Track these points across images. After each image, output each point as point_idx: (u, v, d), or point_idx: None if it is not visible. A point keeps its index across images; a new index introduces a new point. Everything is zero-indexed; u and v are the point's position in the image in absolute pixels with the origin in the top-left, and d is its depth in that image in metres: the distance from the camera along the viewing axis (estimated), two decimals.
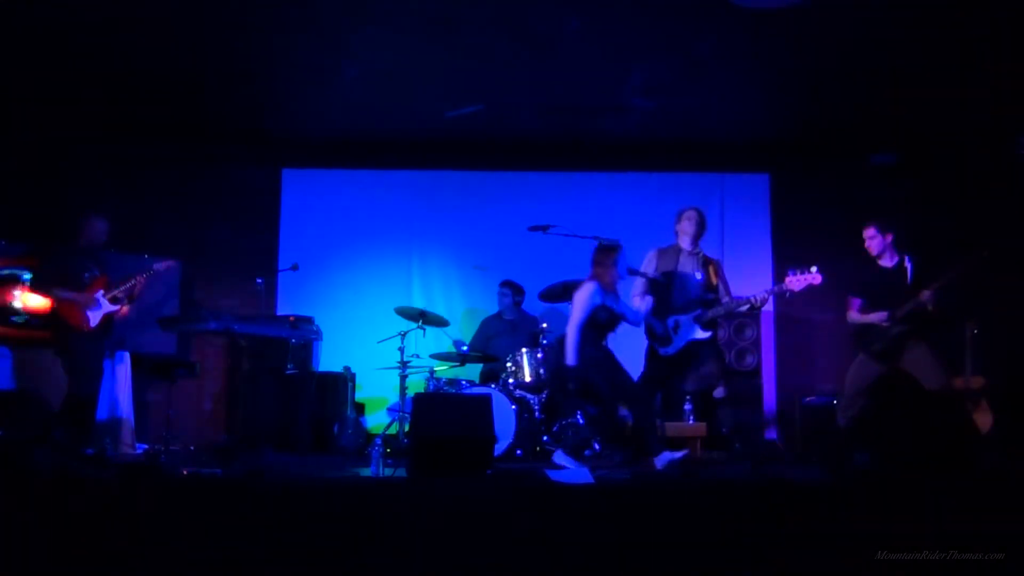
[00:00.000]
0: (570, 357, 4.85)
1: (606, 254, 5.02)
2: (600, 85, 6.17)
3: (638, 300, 5.51)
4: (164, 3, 5.00)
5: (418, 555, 3.20)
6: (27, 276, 6.16)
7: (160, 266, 5.84)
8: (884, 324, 5.14)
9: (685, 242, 5.47)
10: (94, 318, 5.50)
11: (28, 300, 6.05)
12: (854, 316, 5.33)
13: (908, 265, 5.25)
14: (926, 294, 4.99)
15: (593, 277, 4.99)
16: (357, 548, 3.23)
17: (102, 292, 5.57)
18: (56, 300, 5.47)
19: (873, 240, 5.24)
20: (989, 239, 5.37)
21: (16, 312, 6.08)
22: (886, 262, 5.29)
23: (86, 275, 5.57)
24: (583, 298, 4.91)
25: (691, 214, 5.47)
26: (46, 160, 7.12)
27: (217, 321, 5.90)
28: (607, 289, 4.96)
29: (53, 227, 6.60)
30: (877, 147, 7.19)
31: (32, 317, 6.10)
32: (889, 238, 5.23)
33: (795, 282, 5.06)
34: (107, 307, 5.57)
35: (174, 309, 6.68)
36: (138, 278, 5.71)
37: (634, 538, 3.26)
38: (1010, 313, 6.63)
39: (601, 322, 4.95)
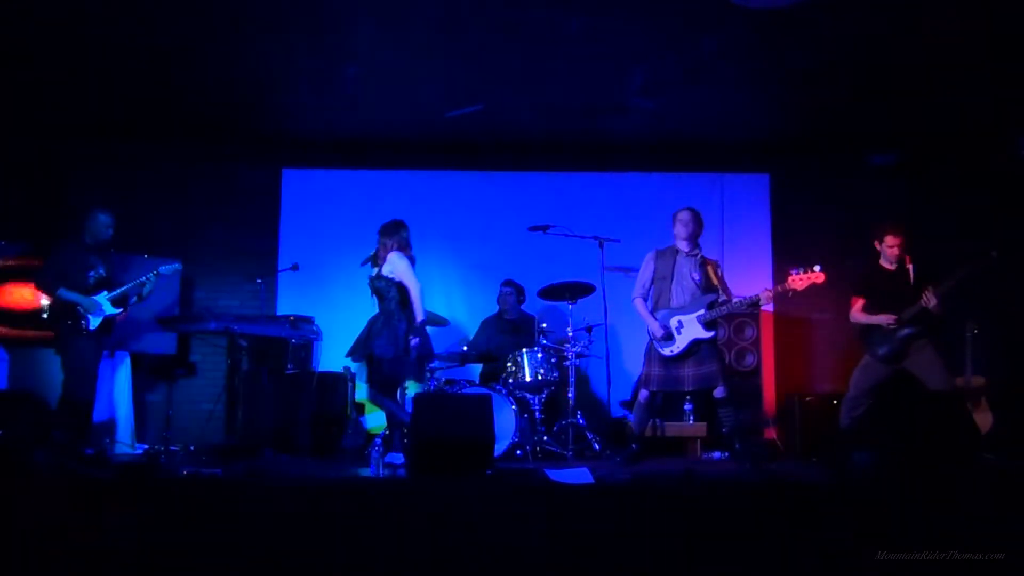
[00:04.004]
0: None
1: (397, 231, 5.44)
2: (600, 85, 6.17)
3: (639, 301, 5.52)
4: (164, 2, 5.00)
5: (418, 555, 3.20)
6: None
7: (166, 269, 5.83)
8: (890, 326, 5.13)
9: (682, 244, 5.46)
10: (95, 320, 5.49)
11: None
12: (858, 316, 5.32)
13: (911, 267, 5.26)
14: (933, 296, 4.98)
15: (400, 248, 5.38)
16: (357, 548, 3.23)
17: (105, 293, 5.56)
18: (58, 300, 5.45)
19: (895, 249, 5.23)
20: (996, 240, 5.36)
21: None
22: (889, 263, 5.29)
23: (91, 274, 5.55)
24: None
25: (683, 216, 5.45)
26: (46, 160, 7.12)
27: (217, 321, 5.91)
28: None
29: (53, 227, 6.62)
30: (877, 147, 7.20)
31: (31, 316, 6.09)
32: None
33: (798, 281, 5.05)
34: (109, 309, 5.55)
35: (174, 309, 6.68)
36: (144, 281, 5.68)
37: (634, 538, 3.26)
38: (1010, 313, 6.64)
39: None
